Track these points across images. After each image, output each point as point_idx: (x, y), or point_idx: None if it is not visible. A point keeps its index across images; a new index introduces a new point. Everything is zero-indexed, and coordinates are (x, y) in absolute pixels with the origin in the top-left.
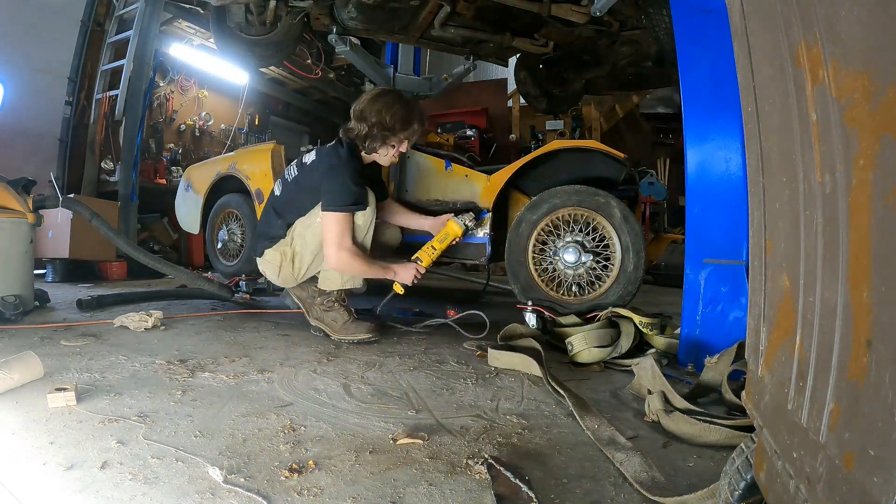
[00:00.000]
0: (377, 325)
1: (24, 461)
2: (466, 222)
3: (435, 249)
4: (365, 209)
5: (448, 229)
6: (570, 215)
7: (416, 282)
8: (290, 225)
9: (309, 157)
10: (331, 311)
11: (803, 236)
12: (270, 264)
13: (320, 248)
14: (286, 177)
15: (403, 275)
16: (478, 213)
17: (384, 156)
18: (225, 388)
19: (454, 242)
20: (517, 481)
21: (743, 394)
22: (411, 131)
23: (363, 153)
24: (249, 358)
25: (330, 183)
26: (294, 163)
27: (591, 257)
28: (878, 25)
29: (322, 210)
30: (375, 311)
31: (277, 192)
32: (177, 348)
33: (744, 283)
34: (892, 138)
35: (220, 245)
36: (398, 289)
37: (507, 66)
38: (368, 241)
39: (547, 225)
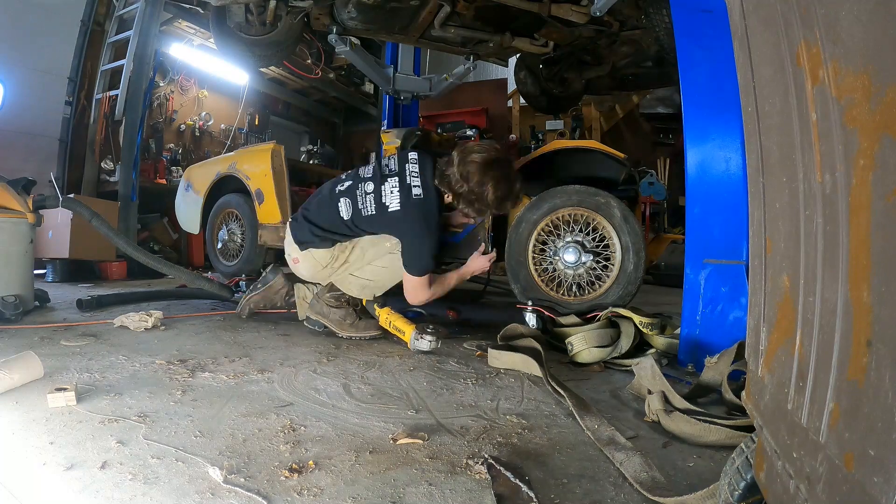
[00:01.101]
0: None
1: (24, 461)
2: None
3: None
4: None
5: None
6: (570, 215)
7: (490, 263)
8: (356, 236)
9: (391, 201)
10: (340, 308)
11: (803, 236)
12: (313, 260)
13: (368, 264)
14: (359, 205)
15: (477, 267)
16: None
17: (462, 217)
18: (225, 388)
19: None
20: (517, 481)
21: (743, 394)
22: (501, 208)
23: (445, 197)
24: (249, 358)
25: (419, 247)
26: (368, 191)
27: (591, 257)
28: (878, 25)
29: (406, 270)
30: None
31: (345, 216)
32: (177, 348)
33: (744, 283)
34: (892, 138)
35: (220, 245)
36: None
37: (507, 66)
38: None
39: (547, 225)
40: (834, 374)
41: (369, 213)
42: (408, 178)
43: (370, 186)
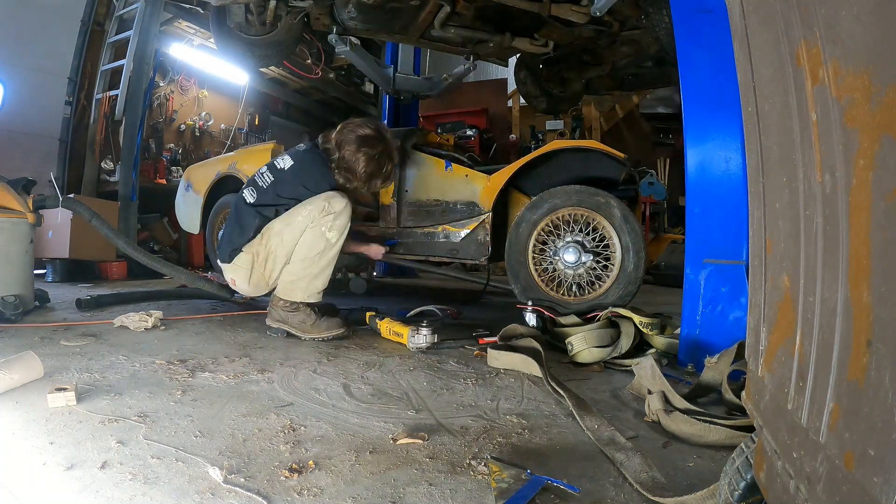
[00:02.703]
0: (345, 320)
1: (24, 461)
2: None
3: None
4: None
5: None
6: (570, 215)
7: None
8: (262, 223)
9: (283, 163)
10: (297, 311)
11: (803, 236)
12: (241, 269)
13: (292, 249)
14: (259, 183)
15: (375, 251)
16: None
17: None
18: (225, 388)
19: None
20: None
21: (743, 394)
22: (371, 185)
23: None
24: (249, 358)
25: (311, 174)
26: (263, 171)
27: (591, 257)
28: (878, 25)
29: (322, 194)
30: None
31: (251, 200)
32: (177, 348)
33: (744, 283)
34: (892, 138)
35: None
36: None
37: (507, 66)
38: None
39: (547, 225)
40: (834, 374)
41: (268, 182)
42: (298, 147)
43: (264, 167)
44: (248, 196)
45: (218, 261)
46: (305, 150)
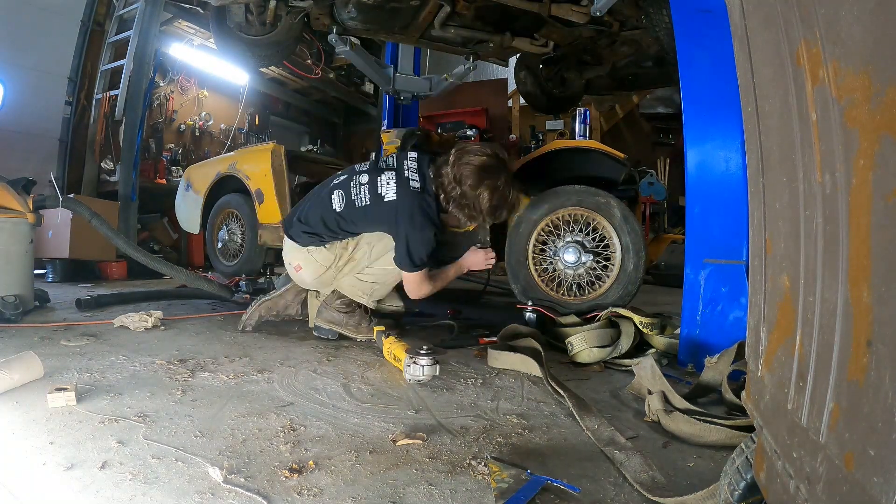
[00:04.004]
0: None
1: (24, 461)
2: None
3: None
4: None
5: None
6: (570, 215)
7: (489, 265)
8: (350, 234)
9: (387, 191)
10: (353, 313)
11: (803, 236)
12: (317, 263)
13: (374, 262)
14: (353, 196)
15: (473, 262)
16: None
17: (453, 220)
18: (225, 388)
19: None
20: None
21: (743, 394)
22: (495, 217)
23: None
24: (249, 358)
25: (414, 240)
26: (363, 182)
27: (592, 257)
28: (878, 25)
29: (399, 266)
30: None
31: (338, 208)
32: (177, 348)
33: (744, 283)
34: (892, 138)
35: (220, 245)
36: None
37: (507, 66)
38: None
39: (547, 225)
40: (834, 374)
41: (363, 203)
42: (406, 172)
43: (365, 178)
44: (336, 202)
45: (284, 232)
46: (417, 193)
